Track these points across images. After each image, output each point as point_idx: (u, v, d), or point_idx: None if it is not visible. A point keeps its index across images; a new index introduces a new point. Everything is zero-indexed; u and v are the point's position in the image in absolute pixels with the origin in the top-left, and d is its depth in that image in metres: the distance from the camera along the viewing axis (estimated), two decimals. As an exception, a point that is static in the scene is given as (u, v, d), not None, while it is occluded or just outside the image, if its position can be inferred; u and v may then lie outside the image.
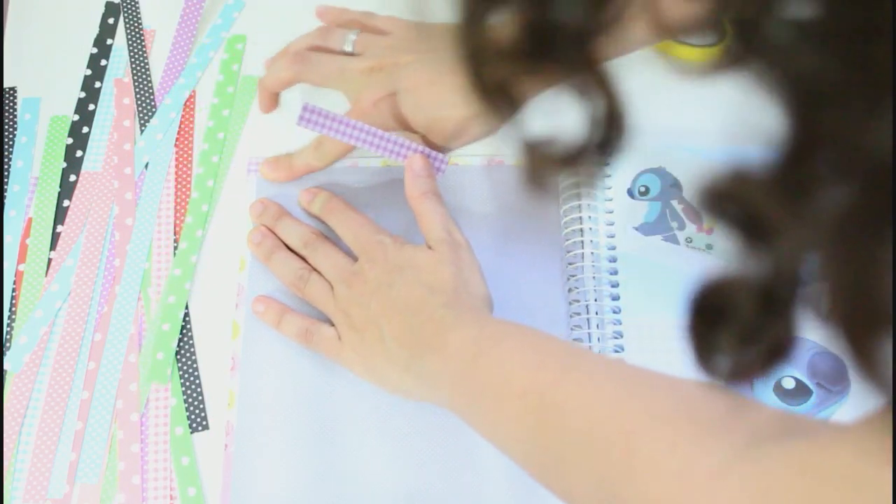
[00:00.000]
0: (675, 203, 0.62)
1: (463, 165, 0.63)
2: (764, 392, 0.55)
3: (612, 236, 0.61)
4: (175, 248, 0.61)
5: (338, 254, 0.57)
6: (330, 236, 0.60)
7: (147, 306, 0.60)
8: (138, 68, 0.68)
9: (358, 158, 0.63)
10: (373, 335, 0.53)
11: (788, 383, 0.55)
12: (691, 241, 0.60)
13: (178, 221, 0.62)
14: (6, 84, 0.67)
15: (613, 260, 0.60)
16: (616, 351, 0.57)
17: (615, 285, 0.59)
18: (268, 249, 0.60)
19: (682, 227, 0.61)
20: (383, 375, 0.54)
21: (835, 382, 0.55)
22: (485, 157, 0.64)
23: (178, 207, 0.63)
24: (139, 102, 0.67)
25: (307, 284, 0.57)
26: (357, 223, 0.58)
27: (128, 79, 0.67)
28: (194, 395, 0.57)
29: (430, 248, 0.55)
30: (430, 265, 0.54)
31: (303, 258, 0.59)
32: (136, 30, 0.69)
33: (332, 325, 0.56)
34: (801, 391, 0.55)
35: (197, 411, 0.57)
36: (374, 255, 0.55)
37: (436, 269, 0.54)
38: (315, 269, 0.58)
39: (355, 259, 0.57)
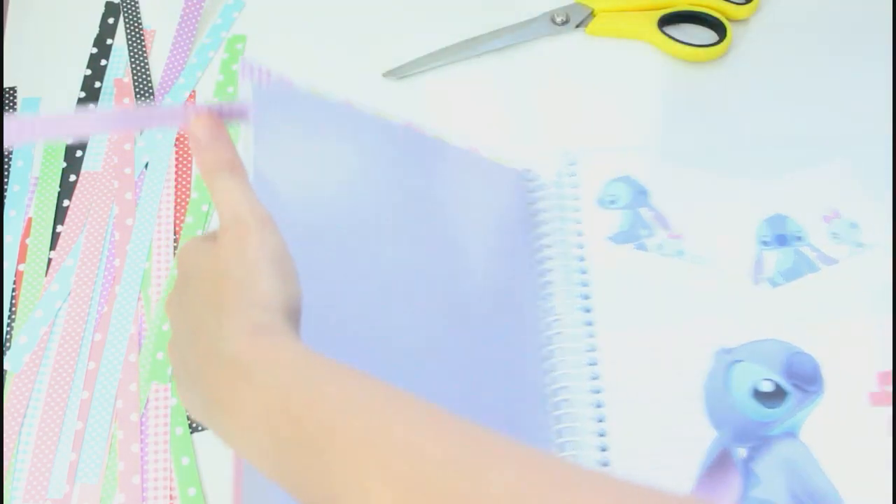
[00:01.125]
0: (642, 211, 0.62)
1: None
2: (742, 398, 0.55)
3: (582, 247, 0.60)
4: (175, 247, 0.61)
5: None
6: None
7: (147, 306, 0.60)
8: (138, 68, 0.68)
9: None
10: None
11: (766, 386, 0.55)
12: (662, 249, 0.60)
13: (178, 221, 0.62)
14: (6, 84, 0.67)
15: (585, 272, 0.59)
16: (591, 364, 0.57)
17: (586, 297, 0.58)
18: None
19: (651, 234, 0.61)
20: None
21: (811, 382, 0.55)
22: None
23: (178, 207, 0.63)
24: (139, 102, 0.67)
25: None
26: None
27: (128, 79, 0.67)
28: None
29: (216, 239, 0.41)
30: (208, 264, 0.40)
31: None
32: (136, 30, 0.69)
33: None
34: (778, 394, 0.55)
35: (197, 411, 0.57)
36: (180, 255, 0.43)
37: (214, 268, 0.40)
38: None
39: None
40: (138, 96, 0.67)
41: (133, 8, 0.70)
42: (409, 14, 0.71)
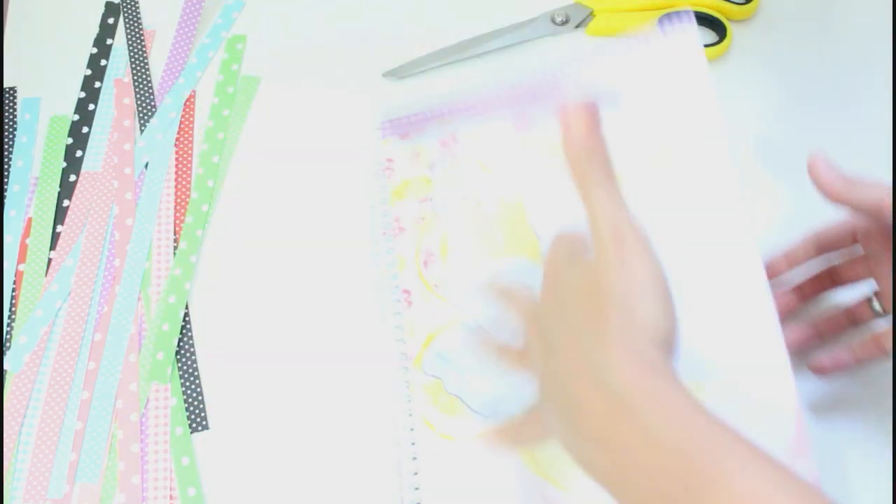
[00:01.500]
0: None
1: None
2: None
3: None
4: (175, 248, 0.61)
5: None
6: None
7: (147, 306, 0.60)
8: (138, 68, 0.68)
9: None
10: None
11: None
12: None
13: (177, 221, 0.62)
14: (6, 84, 0.67)
15: None
16: None
17: None
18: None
19: None
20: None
21: None
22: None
23: (178, 207, 0.63)
24: (139, 102, 0.67)
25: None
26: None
27: (128, 79, 0.67)
28: (194, 395, 0.57)
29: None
30: (587, 283, 0.39)
31: None
32: (136, 30, 0.69)
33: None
34: None
35: (197, 411, 0.57)
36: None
37: (591, 293, 0.38)
38: None
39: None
40: (138, 96, 0.67)
41: (133, 8, 0.70)
42: (409, 14, 0.71)
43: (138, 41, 0.69)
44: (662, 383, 0.36)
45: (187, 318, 0.59)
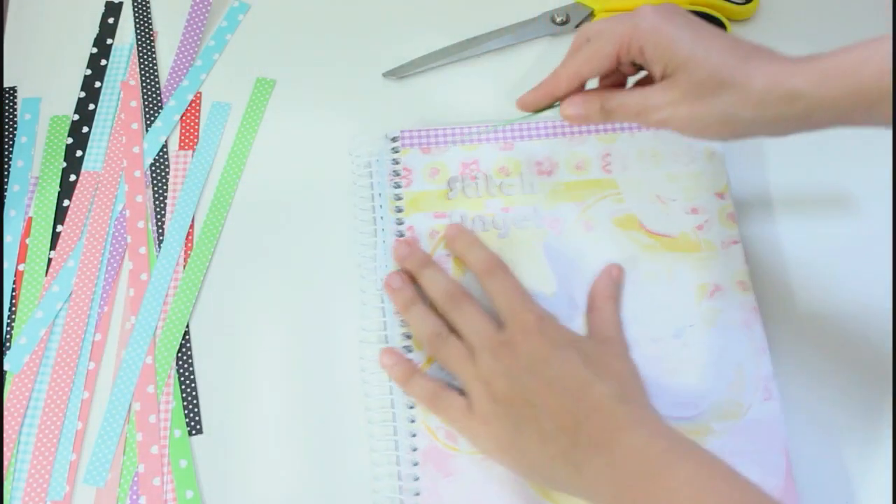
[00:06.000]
0: None
1: None
2: None
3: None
4: (188, 253, 0.61)
5: (483, 318, 0.54)
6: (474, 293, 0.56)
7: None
8: (147, 71, 0.68)
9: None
10: (525, 413, 0.49)
11: None
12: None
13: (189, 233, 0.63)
14: (6, 84, 0.67)
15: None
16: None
17: None
18: (407, 299, 0.56)
19: None
20: (525, 455, 0.50)
21: None
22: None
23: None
24: (146, 105, 0.66)
25: (444, 345, 0.54)
26: (512, 287, 0.55)
27: (134, 81, 0.67)
28: (190, 398, 0.57)
29: (597, 341, 0.55)
30: (597, 353, 0.52)
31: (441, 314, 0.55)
32: (147, 32, 0.69)
33: (461, 392, 0.53)
34: None
35: (191, 415, 0.57)
36: (527, 326, 0.52)
37: (604, 358, 0.52)
38: (453, 330, 0.55)
39: (499, 326, 0.53)
40: (146, 99, 0.67)
41: (144, 11, 0.70)
42: (409, 14, 0.71)
43: (148, 44, 0.69)
44: (666, 435, 0.48)
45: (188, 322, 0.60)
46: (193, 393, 0.57)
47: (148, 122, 0.66)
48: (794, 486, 0.53)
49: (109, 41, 0.69)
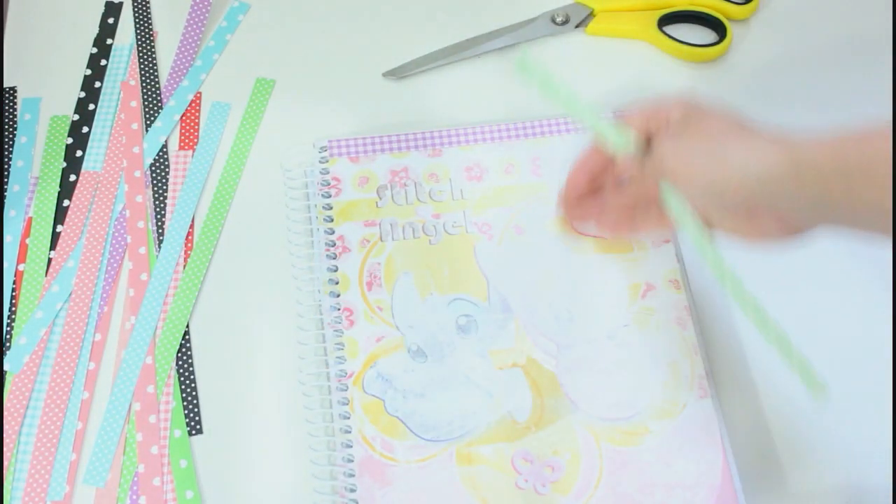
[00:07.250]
0: None
1: None
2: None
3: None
4: (187, 255, 0.61)
5: None
6: None
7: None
8: (147, 71, 0.68)
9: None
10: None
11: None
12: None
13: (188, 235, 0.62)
14: (6, 84, 0.67)
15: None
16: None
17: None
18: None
19: None
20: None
21: None
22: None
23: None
24: (146, 105, 0.67)
25: None
26: None
27: (134, 81, 0.67)
28: (190, 398, 0.57)
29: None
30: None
31: None
32: (147, 32, 0.69)
33: None
34: None
35: (191, 415, 0.57)
36: None
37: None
38: None
39: None
40: (146, 99, 0.67)
41: (144, 10, 0.70)
42: (409, 14, 0.71)
43: (148, 44, 0.69)
44: None
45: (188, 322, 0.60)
46: (193, 393, 0.57)
47: (148, 122, 0.66)
48: (731, 483, 0.53)
49: (109, 41, 0.69)
